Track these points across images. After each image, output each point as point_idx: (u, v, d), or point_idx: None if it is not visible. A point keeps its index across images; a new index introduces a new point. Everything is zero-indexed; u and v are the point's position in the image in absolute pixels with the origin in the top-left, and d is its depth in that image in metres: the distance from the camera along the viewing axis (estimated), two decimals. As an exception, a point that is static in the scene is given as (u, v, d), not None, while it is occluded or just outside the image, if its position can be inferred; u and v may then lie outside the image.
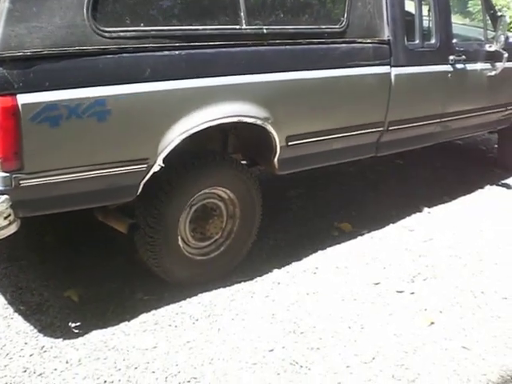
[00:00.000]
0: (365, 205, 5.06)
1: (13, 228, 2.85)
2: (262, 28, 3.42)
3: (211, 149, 3.74)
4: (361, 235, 4.48)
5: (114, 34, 2.89)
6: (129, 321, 3.28)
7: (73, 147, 2.88)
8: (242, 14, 3.32)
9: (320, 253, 4.16)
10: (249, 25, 3.36)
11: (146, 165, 3.11)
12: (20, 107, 2.63)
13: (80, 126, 2.83)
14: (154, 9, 3.06)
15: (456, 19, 5.13)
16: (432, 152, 5.85)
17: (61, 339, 3.10)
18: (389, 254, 4.22)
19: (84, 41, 2.80)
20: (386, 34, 4.11)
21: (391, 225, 4.71)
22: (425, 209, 5.05)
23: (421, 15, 4.49)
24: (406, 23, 4.30)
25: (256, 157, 3.96)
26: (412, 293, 3.75)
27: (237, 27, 3.32)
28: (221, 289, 3.61)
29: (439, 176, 5.92)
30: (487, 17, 5.34)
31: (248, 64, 3.37)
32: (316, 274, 3.88)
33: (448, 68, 4.67)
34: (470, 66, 4.90)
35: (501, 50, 5.05)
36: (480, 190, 5.63)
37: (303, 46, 3.65)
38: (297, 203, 5.01)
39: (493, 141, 6.81)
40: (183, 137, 3.15)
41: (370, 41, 4.02)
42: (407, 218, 4.86)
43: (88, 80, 2.81)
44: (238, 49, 3.32)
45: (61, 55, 2.74)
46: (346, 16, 3.86)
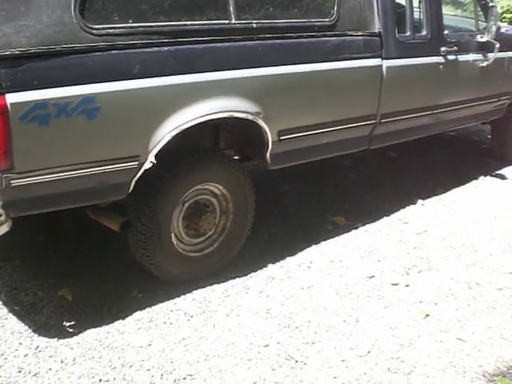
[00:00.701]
0: (358, 198, 5.06)
1: (4, 228, 2.85)
2: (252, 22, 3.41)
3: (203, 145, 3.72)
4: (355, 228, 4.48)
5: (103, 31, 2.87)
6: (123, 319, 3.27)
7: (63, 146, 2.86)
8: (231, 9, 3.30)
9: (314, 247, 4.16)
10: (238, 19, 3.34)
11: (138, 162, 3.09)
12: (9, 106, 2.61)
13: (70, 125, 2.81)
14: (142, 5, 3.02)
15: (447, 10, 5.12)
16: (425, 144, 5.85)
17: (55, 339, 3.10)
18: (383, 247, 4.21)
19: (72, 38, 2.78)
20: (377, 27, 4.10)
21: (385, 217, 4.70)
22: (419, 201, 5.05)
23: (411, 7, 4.47)
24: (397, 15, 4.29)
25: (248, 152, 3.95)
26: (407, 285, 3.74)
27: (226, 22, 3.30)
28: (215, 285, 3.60)
29: (433, 168, 5.92)
30: (478, 7, 5.34)
31: (238, 59, 3.36)
32: (310, 269, 3.87)
33: (440, 59, 4.66)
34: (462, 57, 4.90)
35: (492, 41, 5.05)
36: (474, 181, 5.63)
37: (293, 40, 3.63)
38: (290, 197, 5.01)
39: (486, 132, 6.81)
40: (174, 133, 3.14)
41: (361, 33, 4.01)
42: (401, 211, 4.85)
43: (77, 78, 2.80)
44: (228, 44, 3.30)
45: (49, 53, 2.72)
46: (336, 9, 3.84)
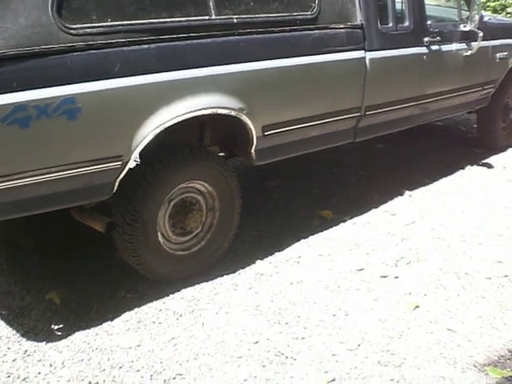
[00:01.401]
0: (346, 191, 5.04)
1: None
2: (232, 17, 3.38)
3: (188, 142, 3.69)
4: (343, 222, 4.46)
5: (81, 31, 2.84)
6: (112, 320, 3.25)
7: (44, 147, 2.84)
8: (211, 4, 3.27)
9: (303, 241, 4.14)
10: (218, 15, 3.32)
11: (121, 162, 3.06)
12: (-12, 110, 2.59)
13: (50, 126, 2.78)
14: (121, 3, 2.99)
15: (429, 0, 5.10)
16: (412, 134, 5.84)
17: (44, 342, 3.07)
18: (372, 240, 4.20)
19: (50, 39, 2.74)
20: (359, 19, 4.08)
21: (373, 210, 4.69)
22: (406, 192, 5.03)
23: (393, -2, 4.45)
24: (379, 6, 4.28)
25: (233, 148, 3.93)
26: (396, 277, 3.73)
27: (206, 18, 3.27)
28: (204, 283, 3.58)
29: (420, 158, 5.90)
30: (461, -3, 5.32)
31: (219, 55, 3.33)
32: (299, 263, 3.86)
33: (423, 50, 4.65)
34: (446, 47, 4.89)
35: (476, 30, 5.03)
36: (461, 171, 5.61)
37: (275, 34, 3.61)
38: (278, 193, 4.98)
39: (472, 121, 6.80)
40: (157, 131, 3.11)
41: (343, 26, 3.99)
42: (389, 203, 4.83)
43: (56, 78, 2.76)
44: (208, 40, 3.27)
45: (27, 55, 2.68)
46: (318, 2, 3.81)
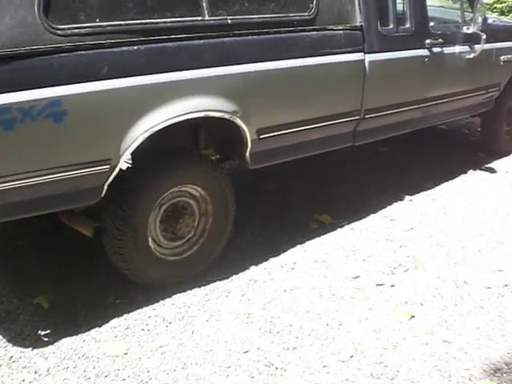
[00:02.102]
0: (344, 195, 4.96)
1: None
2: (227, 18, 3.30)
3: (182, 145, 3.63)
4: (340, 227, 4.38)
5: (68, 32, 2.77)
6: (100, 326, 3.19)
7: (30, 151, 2.77)
8: (204, 5, 3.20)
9: (299, 247, 4.06)
10: (212, 15, 3.24)
11: (109, 166, 3.00)
12: (-29, 112, 2.53)
13: (36, 129, 2.72)
14: (110, 3, 2.92)
15: (432, 1, 5.02)
16: (415, 137, 5.74)
17: (30, 348, 3.02)
18: (369, 246, 4.12)
19: (36, 40, 2.67)
20: (358, 20, 4.00)
21: (372, 215, 4.61)
22: (406, 197, 4.96)
23: (394, -1, 4.37)
24: (379, 7, 4.19)
25: (228, 151, 3.86)
26: (392, 285, 3.65)
27: (199, 19, 3.20)
28: (195, 289, 3.51)
29: (422, 162, 5.82)
30: (464, -2, 5.24)
31: (212, 56, 3.25)
32: (294, 270, 3.78)
33: (424, 52, 4.56)
34: (448, 50, 4.80)
35: (479, 32, 4.95)
36: (463, 176, 5.53)
37: (271, 36, 3.53)
38: (274, 196, 4.90)
39: (476, 124, 6.70)
40: (146, 135, 3.04)
41: (342, 27, 3.91)
42: (388, 207, 4.76)
43: (42, 80, 2.70)
44: (202, 41, 3.20)
45: (12, 56, 2.62)
46: (316, 2, 3.74)
